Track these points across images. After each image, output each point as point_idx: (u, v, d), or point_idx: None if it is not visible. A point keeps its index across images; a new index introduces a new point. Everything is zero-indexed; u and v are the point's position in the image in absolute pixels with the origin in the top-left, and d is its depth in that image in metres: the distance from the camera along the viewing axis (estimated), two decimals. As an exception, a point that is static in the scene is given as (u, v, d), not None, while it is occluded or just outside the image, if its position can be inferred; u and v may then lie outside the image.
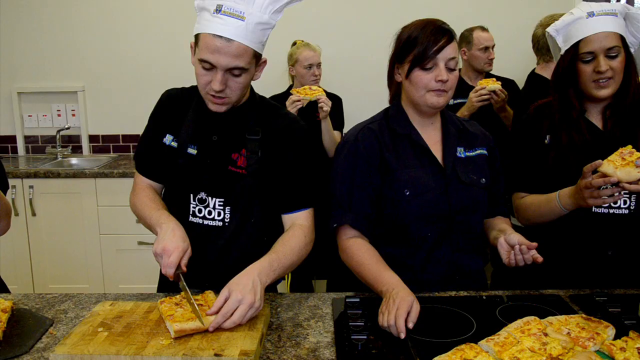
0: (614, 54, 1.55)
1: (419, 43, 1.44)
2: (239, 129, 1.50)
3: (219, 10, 1.32)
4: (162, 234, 1.37)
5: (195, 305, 1.26)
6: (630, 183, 1.37)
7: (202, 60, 1.36)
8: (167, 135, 1.54)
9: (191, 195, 1.54)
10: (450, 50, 1.44)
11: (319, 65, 3.10)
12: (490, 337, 1.17)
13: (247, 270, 1.33)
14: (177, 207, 1.54)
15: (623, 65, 1.56)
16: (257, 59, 1.41)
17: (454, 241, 1.53)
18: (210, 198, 1.52)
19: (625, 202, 1.60)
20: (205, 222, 1.53)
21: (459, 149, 1.57)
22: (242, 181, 1.50)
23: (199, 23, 1.37)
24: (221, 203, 1.52)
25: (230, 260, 1.52)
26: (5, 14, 3.82)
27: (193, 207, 1.54)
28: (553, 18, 2.48)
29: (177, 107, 1.54)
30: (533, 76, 2.78)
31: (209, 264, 1.54)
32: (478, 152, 1.60)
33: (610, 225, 1.61)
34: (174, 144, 1.53)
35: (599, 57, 1.56)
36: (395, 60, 1.53)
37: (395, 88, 1.59)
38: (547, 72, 2.67)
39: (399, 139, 1.54)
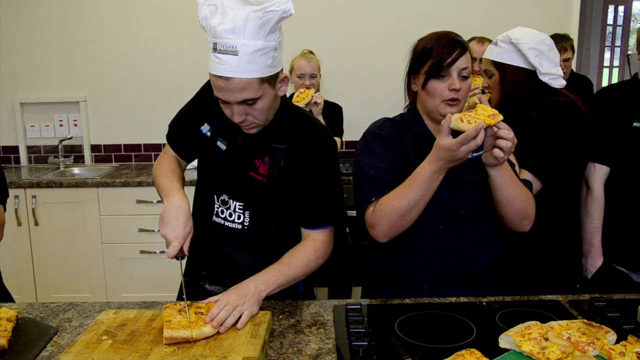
0: (488, 75, 1.95)
1: (433, 54, 1.49)
2: (266, 135, 1.50)
3: (215, 49, 1.33)
4: (167, 214, 1.41)
5: (187, 308, 1.31)
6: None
7: (217, 97, 1.39)
8: (205, 124, 1.57)
9: (215, 196, 1.57)
10: (464, 61, 1.49)
11: (312, 76, 3.11)
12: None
13: (248, 279, 1.41)
14: (203, 206, 1.59)
15: (497, 84, 1.91)
16: (271, 81, 1.39)
17: (464, 237, 1.56)
18: (231, 201, 1.55)
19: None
20: (227, 223, 1.56)
21: None
22: (261, 189, 1.51)
23: (209, 59, 1.37)
24: (241, 207, 1.54)
25: (251, 262, 1.52)
26: (7, 26, 3.85)
27: (217, 208, 1.57)
28: None
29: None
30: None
31: (232, 262, 1.56)
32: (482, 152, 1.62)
33: None
34: (209, 134, 1.56)
35: None
36: (411, 71, 1.58)
37: (412, 97, 1.63)
38: None
39: (416, 138, 1.58)
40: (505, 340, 1.21)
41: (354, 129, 3.64)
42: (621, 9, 7.09)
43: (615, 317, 1.34)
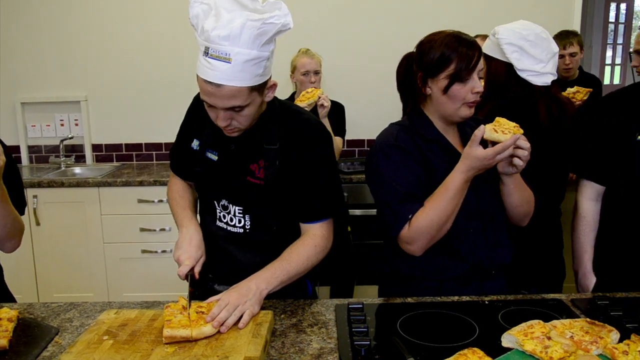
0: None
1: (457, 59, 1.47)
2: (257, 139, 1.49)
3: (207, 53, 1.30)
4: (181, 241, 1.52)
5: (189, 311, 1.31)
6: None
7: (203, 100, 1.38)
8: (195, 139, 1.58)
9: (215, 201, 1.58)
10: (481, 63, 1.52)
11: (316, 72, 3.11)
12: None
13: (249, 277, 1.41)
14: (207, 211, 1.62)
15: (485, 75, 1.96)
16: (259, 89, 1.37)
17: (488, 236, 1.57)
18: (231, 205, 1.55)
19: None
20: (229, 228, 1.57)
21: None
22: (260, 192, 1.50)
23: (198, 61, 1.34)
24: (241, 211, 1.54)
25: (259, 263, 1.50)
26: (7, 26, 3.85)
27: (219, 212, 1.58)
28: None
29: (204, 109, 1.48)
30: None
31: (240, 265, 1.56)
32: None
33: None
34: (198, 149, 1.57)
35: None
36: (427, 75, 1.53)
37: (413, 100, 1.60)
38: None
39: (429, 143, 1.57)
40: (507, 339, 1.21)
41: (355, 128, 3.64)
42: (623, 6, 7.09)
43: (618, 316, 1.34)
